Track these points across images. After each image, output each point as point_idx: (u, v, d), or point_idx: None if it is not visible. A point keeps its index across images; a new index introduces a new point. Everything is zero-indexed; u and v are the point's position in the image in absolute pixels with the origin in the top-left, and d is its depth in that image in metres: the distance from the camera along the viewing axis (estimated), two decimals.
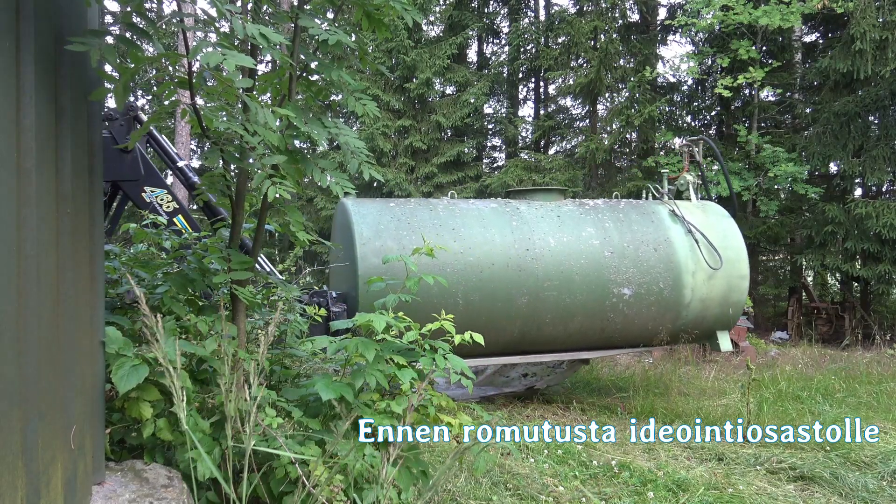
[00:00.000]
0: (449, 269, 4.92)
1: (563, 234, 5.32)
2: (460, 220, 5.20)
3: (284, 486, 2.33)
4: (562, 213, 5.51)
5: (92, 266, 2.10)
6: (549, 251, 5.19)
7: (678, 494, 3.65)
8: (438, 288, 4.77)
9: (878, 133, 10.70)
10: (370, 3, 2.52)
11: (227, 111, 2.42)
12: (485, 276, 5.00)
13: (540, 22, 14.72)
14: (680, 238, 5.54)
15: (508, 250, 5.11)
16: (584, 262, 5.23)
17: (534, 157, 13.72)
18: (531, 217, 5.39)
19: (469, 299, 4.97)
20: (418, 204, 5.38)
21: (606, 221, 5.52)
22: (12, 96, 1.61)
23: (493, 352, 5.29)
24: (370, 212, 5.15)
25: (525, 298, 5.08)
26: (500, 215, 5.34)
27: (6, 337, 1.58)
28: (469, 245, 5.06)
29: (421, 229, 5.02)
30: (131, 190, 4.67)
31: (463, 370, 2.82)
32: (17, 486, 1.61)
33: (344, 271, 5.36)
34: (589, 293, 5.22)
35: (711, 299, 5.52)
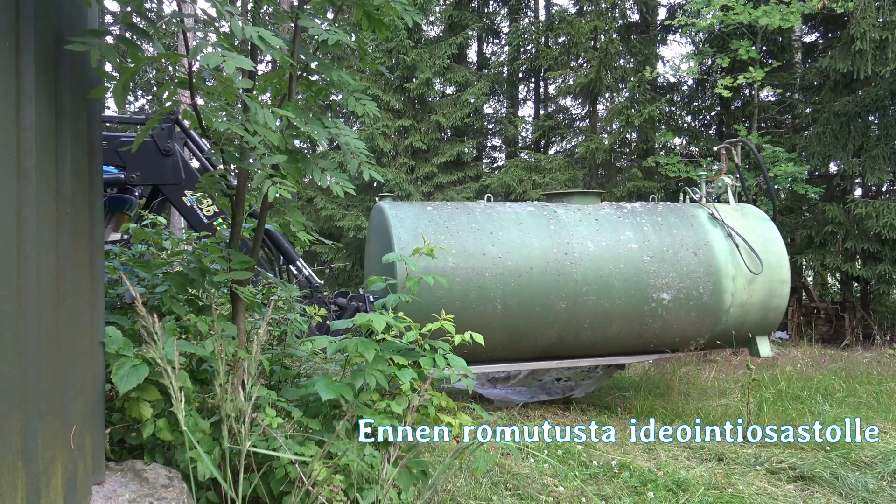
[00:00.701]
0: (487, 273, 4.90)
1: (601, 237, 5.27)
2: (498, 224, 5.17)
3: (284, 485, 2.33)
4: (600, 217, 5.47)
5: (92, 266, 2.10)
6: (588, 255, 5.15)
7: (678, 494, 3.65)
8: (477, 293, 4.81)
9: (878, 133, 10.69)
10: (370, 3, 2.52)
11: (227, 111, 2.42)
12: (523, 280, 4.96)
13: (540, 22, 14.72)
14: (720, 242, 5.47)
15: (547, 254, 5.07)
16: (622, 267, 5.18)
17: (534, 157, 13.72)
18: (569, 221, 5.35)
19: (507, 304, 4.94)
20: (456, 207, 5.34)
21: (645, 225, 5.45)
22: (12, 96, 1.61)
23: (530, 357, 5.26)
24: (408, 215, 5.12)
25: (564, 303, 5.04)
26: (538, 219, 5.30)
27: (6, 337, 1.58)
28: (507, 249, 5.03)
29: (459, 233, 5.00)
30: (172, 194, 4.68)
31: (463, 370, 2.82)
32: (17, 486, 1.61)
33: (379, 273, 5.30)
34: (628, 298, 5.17)
35: (752, 304, 5.46)
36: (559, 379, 6.34)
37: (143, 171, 4.61)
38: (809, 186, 10.79)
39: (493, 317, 4.89)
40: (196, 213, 4.70)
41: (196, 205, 4.72)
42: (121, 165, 4.70)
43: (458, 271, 4.81)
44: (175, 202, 4.72)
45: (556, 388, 6.26)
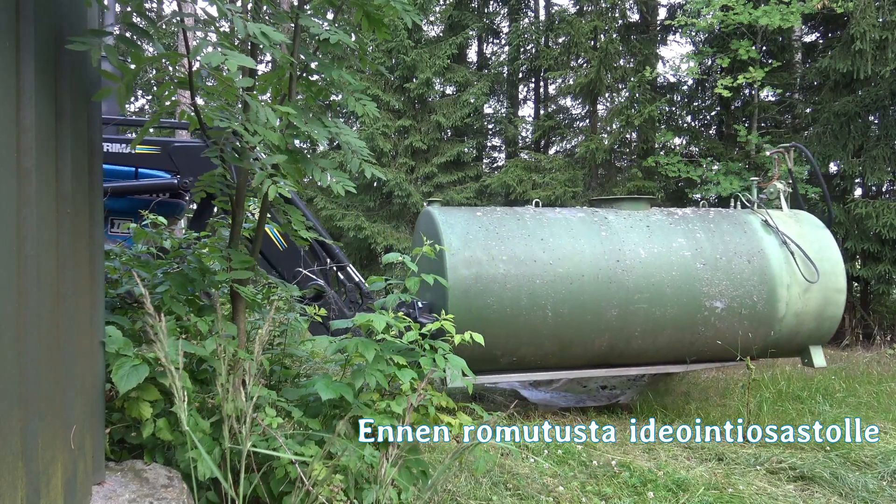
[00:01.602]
0: (538, 280, 4.83)
1: (653, 244, 5.18)
2: (548, 231, 5.10)
3: (284, 485, 2.33)
4: (651, 223, 5.37)
5: (92, 266, 2.10)
6: (640, 262, 5.07)
7: (678, 494, 3.65)
8: (528, 300, 4.74)
9: (878, 133, 10.69)
10: (370, 3, 2.52)
11: (227, 111, 2.42)
12: (574, 287, 4.90)
13: (540, 22, 14.72)
14: (774, 249, 5.36)
15: (598, 261, 5.00)
16: (675, 274, 5.10)
17: (534, 157, 13.72)
18: (620, 227, 5.27)
19: (558, 312, 4.87)
20: (505, 213, 5.27)
21: (697, 232, 5.36)
22: (12, 96, 1.61)
23: (579, 365, 5.20)
24: (458, 221, 5.05)
25: (615, 311, 4.97)
26: (589, 225, 5.24)
27: (6, 337, 1.58)
28: (558, 256, 4.96)
29: (509, 239, 4.94)
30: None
31: (463, 370, 2.82)
32: (17, 486, 1.61)
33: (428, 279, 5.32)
34: (680, 306, 5.09)
35: (806, 313, 5.36)
36: (604, 387, 6.25)
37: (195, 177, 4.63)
38: (809, 186, 10.79)
39: (543, 324, 4.84)
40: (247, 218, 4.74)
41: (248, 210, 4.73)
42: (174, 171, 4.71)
43: (508, 278, 4.77)
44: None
45: (602, 395, 6.22)
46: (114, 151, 5.16)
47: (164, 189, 4.87)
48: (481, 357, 4.87)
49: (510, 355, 4.93)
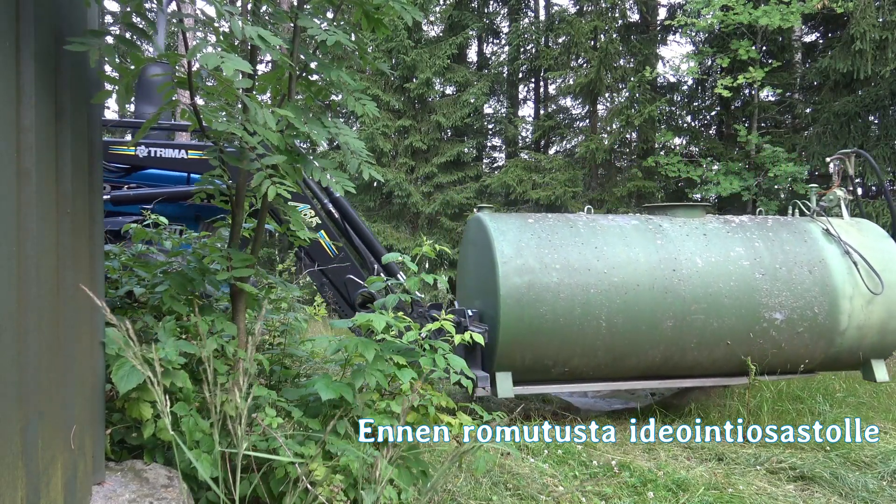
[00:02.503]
0: (592, 290, 4.72)
1: (710, 253, 5.04)
2: (602, 238, 4.98)
3: (284, 485, 2.33)
4: (708, 231, 5.23)
5: (92, 266, 2.10)
6: (697, 272, 4.93)
7: (678, 494, 3.65)
8: (582, 310, 4.65)
9: (878, 133, 10.70)
10: (369, 2, 2.52)
11: (226, 111, 2.42)
12: (629, 297, 4.77)
13: (540, 22, 14.72)
14: (836, 259, 5.19)
15: (654, 271, 4.86)
16: (733, 285, 4.95)
17: (534, 157, 13.72)
18: (675, 235, 5.13)
19: (612, 322, 4.75)
20: (557, 220, 5.16)
21: (756, 240, 5.21)
22: (12, 96, 1.61)
23: (631, 376, 5.10)
24: (510, 228, 4.94)
25: (670, 322, 4.84)
26: (643, 233, 5.10)
27: (6, 337, 1.58)
28: (612, 265, 4.83)
29: (562, 247, 4.82)
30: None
31: (463, 370, 2.82)
32: (17, 486, 1.61)
33: (477, 288, 5.17)
34: (738, 317, 4.94)
35: (869, 326, 5.17)
36: (653, 394, 6.17)
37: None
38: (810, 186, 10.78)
39: (596, 335, 4.73)
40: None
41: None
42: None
43: (562, 287, 4.66)
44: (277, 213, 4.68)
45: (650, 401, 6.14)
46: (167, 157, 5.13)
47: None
48: (532, 367, 4.79)
49: (562, 366, 4.83)
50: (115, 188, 4.79)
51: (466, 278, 5.57)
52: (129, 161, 4.77)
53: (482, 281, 4.99)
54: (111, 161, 4.73)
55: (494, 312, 4.68)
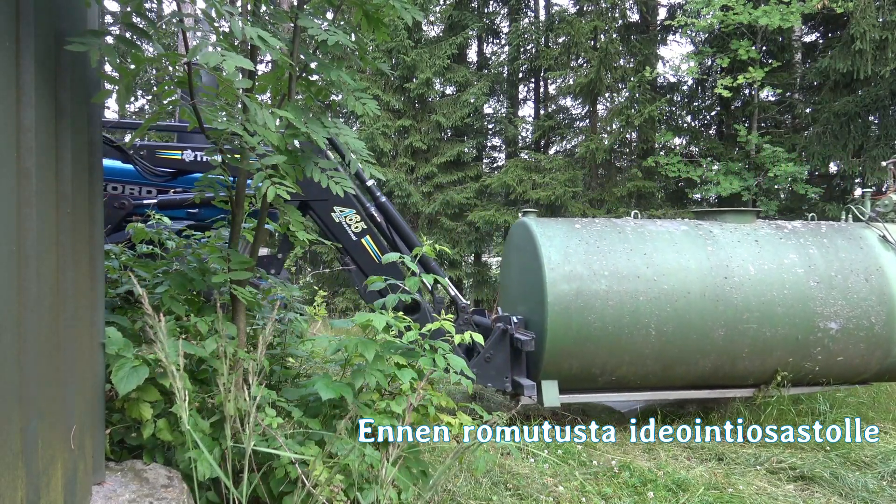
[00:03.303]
0: (642, 297, 4.64)
1: (762, 260, 4.93)
2: (651, 245, 4.89)
3: (284, 485, 2.33)
4: (760, 238, 5.11)
5: (92, 266, 2.10)
6: (749, 279, 4.82)
7: (678, 494, 3.65)
8: (631, 318, 4.60)
9: (878, 133, 10.70)
10: (369, 2, 2.52)
11: (227, 111, 2.42)
12: (679, 305, 4.68)
13: (540, 22, 14.72)
14: (893, 267, 5.06)
15: (705, 278, 4.76)
16: (787, 293, 4.84)
17: (534, 157, 13.72)
18: (727, 241, 5.02)
19: (662, 330, 4.66)
20: (605, 225, 5.09)
21: (810, 247, 5.09)
22: (12, 96, 1.61)
23: (680, 385, 5.02)
24: (557, 234, 4.86)
25: (722, 331, 4.74)
26: (693, 239, 5.00)
27: (6, 337, 1.58)
28: (662, 272, 4.74)
29: (611, 254, 4.76)
30: (321, 210, 4.57)
31: (463, 370, 2.82)
32: (17, 486, 1.61)
33: (521, 294, 5.10)
34: (792, 326, 4.83)
35: None
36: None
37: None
38: (809, 186, 10.79)
39: (646, 344, 4.66)
40: (344, 229, 4.57)
41: (345, 221, 4.59)
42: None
43: (610, 294, 4.60)
44: (324, 218, 4.60)
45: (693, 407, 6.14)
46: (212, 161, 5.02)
47: None
48: (579, 376, 4.74)
49: (609, 374, 4.78)
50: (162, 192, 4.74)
51: (510, 284, 5.50)
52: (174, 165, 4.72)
53: (527, 287, 4.92)
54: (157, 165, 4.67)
55: (541, 320, 4.61)
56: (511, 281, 5.48)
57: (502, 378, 4.73)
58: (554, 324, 4.52)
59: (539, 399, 4.63)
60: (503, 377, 4.72)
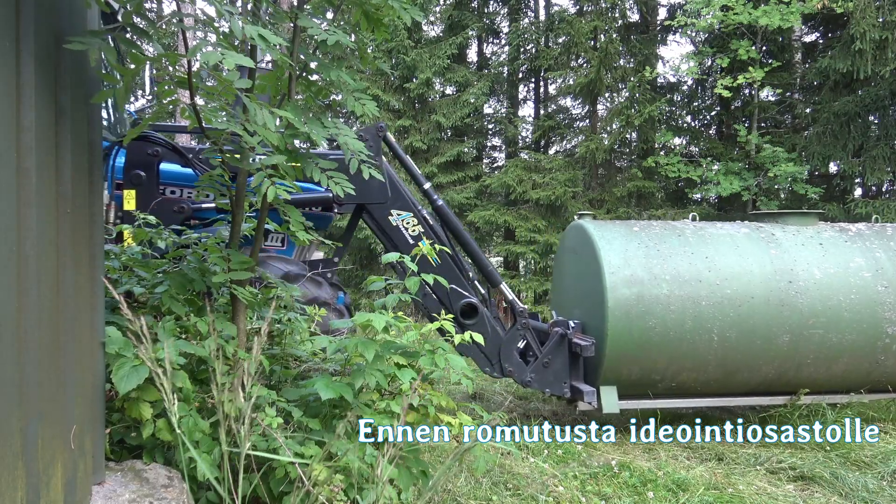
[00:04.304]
0: (704, 302, 4.57)
1: (828, 264, 4.84)
2: (713, 248, 4.81)
3: (284, 485, 2.34)
4: (824, 241, 5.02)
5: (92, 266, 2.10)
6: (815, 284, 4.74)
7: (678, 494, 3.65)
8: (693, 323, 4.53)
9: (878, 133, 10.70)
10: (369, 2, 2.52)
11: (226, 111, 2.42)
12: (743, 311, 4.60)
13: (540, 22, 14.72)
14: None
15: (769, 282, 4.68)
16: (854, 298, 4.76)
17: (534, 157, 13.72)
18: (790, 245, 4.92)
19: (725, 336, 4.59)
20: (664, 228, 5.01)
21: (877, 250, 4.99)
22: (12, 96, 1.61)
23: (741, 392, 4.95)
24: (615, 237, 4.79)
25: (786, 337, 4.66)
26: (756, 242, 4.91)
27: (6, 337, 1.58)
28: (725, 276, 4.66)
29: (671, 257, 4.70)
30: (378, 213, 4.53)
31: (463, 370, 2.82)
32: (17, 486, 1.61)
33: (577, 298, 5.04)
34: (859, 332, 4.75)
35: None
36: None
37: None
38: (809, 186, 10.79)
39: (708, 349, 4.59)
40: (401, 232, 4.52)
41: (402, 224, 4.53)
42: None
43: (672, 299, 4.54)
44: (381, 221, 4.55)
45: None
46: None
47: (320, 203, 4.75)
48: (638, 382, 4.69)
49: (669, 381, 4.72)
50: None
51: (564, 287, 5.42)
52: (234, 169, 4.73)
53: (584, 291, 4.86)
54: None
55: (600, 325, 4.54)
56: (565, 284, 5.40)
57: (560, 383, 4.66)
58: (614, 329, 4.46)
59: (598, 405, 4.56)
60: (561, 382, 4.65)
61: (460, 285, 4.55)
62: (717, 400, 4.93)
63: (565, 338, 4.66)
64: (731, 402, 4.96)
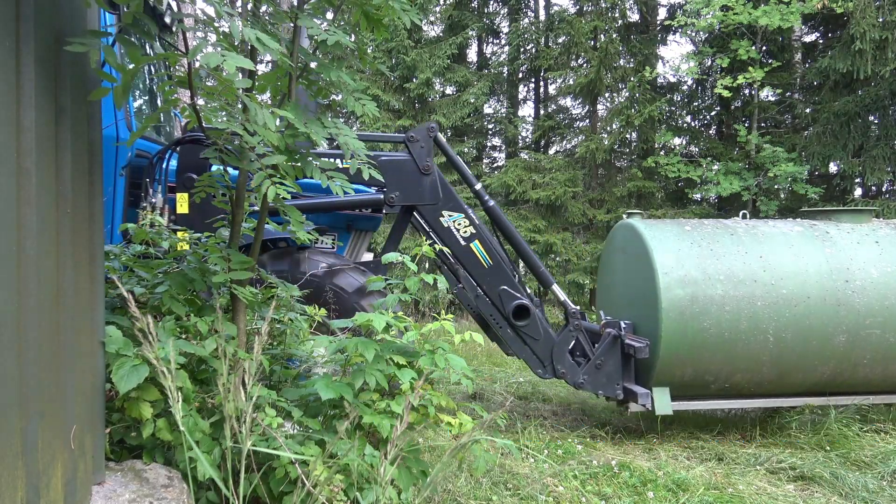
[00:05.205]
0: (759, 302, 4.52)
1: (885, 262, 4.77)
2: (767, 247, 4.75)
3: (284, 485, 2.34)
4: (880, 238, 4.94)
5: (92, 266, 2.10)
6: (872, 283, 4.67)
7: (678, 494, 3.65)
8: (748, 324, 4.49)
9: (878, 133, 10.71)
10: (368, 2, 2.52)
11: (227, 111, 2.42)
12: (799, 311, 4.55)
13: (540, 22, 14.72)
14: None
15: (824, 282, 4.63)
16: None
17: (534, 157, 13.72)
18: (845, 243, 4.86)
19: (780, 337, 4.54)
20: (716, 227, 4.96)
21: None
22: (12, 96, 1.61)
23: (794, 392, 4.90)
24: (667, 237, 4.74)
25: (843, 337, 4.62)
26: (810, 240, 4.85)
27: (6, 337, 1.58)
28: (780, 275, 4.61)
29: (725, 256, 4.65)
30: (430, 214, 4.50)
31: (463, 370, 2.83)
32: (17, 486, 1.61)
33: (627, 298, 5.01)
34: None
35: None
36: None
37: (401, 192, 4.45)
38: (809, 186, 10.79)
39: (763, 350, 4.55)
40: (452, 233, 4.49)
41: (453, 225, 4.49)
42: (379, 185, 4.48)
43: (726, 300, 4.50)
44: (433, 222, 4.51)
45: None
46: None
47: (371, 205, 4.73)
48: (691, 383, 4.66)
49: (723, 382, 4.69)
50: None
51: (612, 287, 5.37)
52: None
53: (635, 291, 4.83)
54: None
55: (654, 325, 4.51)
56: (613, 284, 5.36)
57: (613, 385, 4.60)
58: (668, 330, 4.43)
59: (651, 407, 4.51)
60: (614, 384, 4.60)
61: (512, 287, 4.50)
62: (770, 401, 4.89)
63: (618, 339, 4.59)
64: (785, 402, 4.92)
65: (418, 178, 4.46)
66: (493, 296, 4.51)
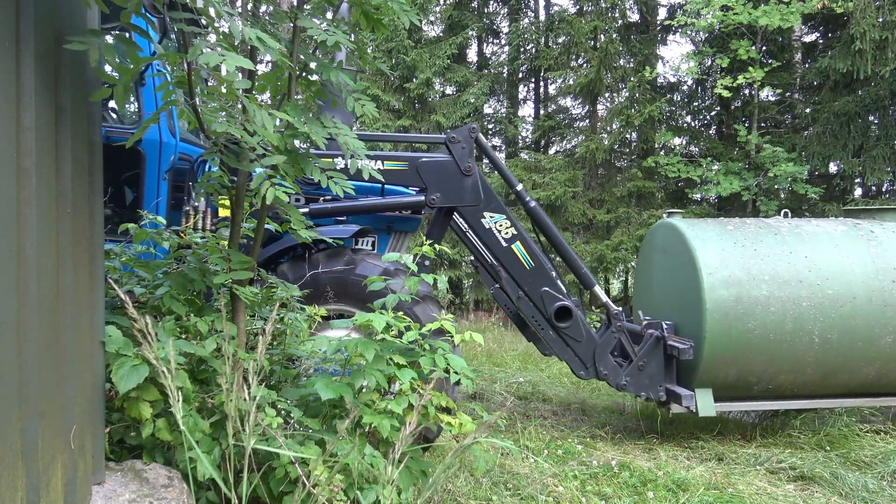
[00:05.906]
0: (805, 303, 4.48)
1: None
2: (811, 247, 4.69)
3: (284, 486, 2.34)
4: None
5: (92, 266, 2.10)
6: None
7: (678, 494, 3.65)
8: (793, 324, 4.44)
9: (878, 133, 10.71)
10: (368, 2, 2.52)
11: (226, 111, 2.42)
12: (845, 311, 4.50)
13: (540, 22, 14.73)
14: None
15: (870, 282, 4.57)
16: None
17: (534, 157, 13.73)
18: (891, 242, 4.80)
19: (826, 338, 4.49)
20: (758, 226, 4.90)
21: None
22: (12, 95, 1.61)
23: (838, 394, 4.85)
24: (710, 237, 4.69)
25: (889, 338, 4.56)
26: (855, 240, 4.79)
27: (6, 337, 1.58)
28: (825, 276, 4.56)
29: (769, 257, 4.59)
30: (471, 215, 4.48)
31: (463, 370, 2.83)
32: (17, 486, 1.61)
33: (668, 298, 4.96)
34: None
35: None
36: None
37: (443, 193, 4.42)
38: (809, 186, 10.80)
39: (808, 351, 4.50)
40: (494, 235, 4.46)
41: (495, 227, 4.46)
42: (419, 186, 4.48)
43: (771, 300, 4.45)
44: (474, 224, 4.50)
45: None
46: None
47: (411, 206, 4.70)
48: (734, 384, 4.61)
49: (766, 383, 4.64)
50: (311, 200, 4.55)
51: (652, 287, 5.33)
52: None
53: (677, 292, 4.79)
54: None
55: (697, 326, 4.47)
56: (652, 285, 5.32)
57: (656, 387, 4.56)
58: (713, 331, 4.39)
59: (695, 408, 4.46)
60: (657, 386, 4.56)
61: (554, 288, 4.47)
62: (814, 402, 4.85)
63: (661, 340, 4.55)
64: (829, 403, 4.89)
65: (459, 179, 4.44)
66: (534, 297, 4.46)
